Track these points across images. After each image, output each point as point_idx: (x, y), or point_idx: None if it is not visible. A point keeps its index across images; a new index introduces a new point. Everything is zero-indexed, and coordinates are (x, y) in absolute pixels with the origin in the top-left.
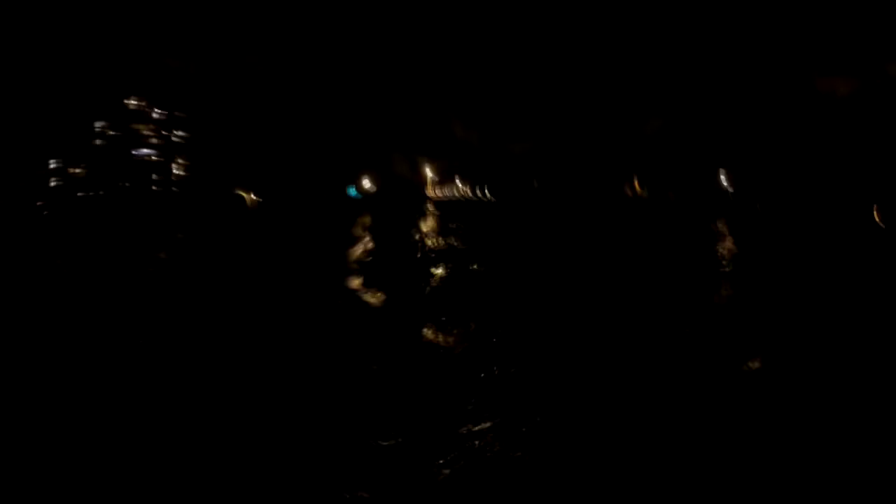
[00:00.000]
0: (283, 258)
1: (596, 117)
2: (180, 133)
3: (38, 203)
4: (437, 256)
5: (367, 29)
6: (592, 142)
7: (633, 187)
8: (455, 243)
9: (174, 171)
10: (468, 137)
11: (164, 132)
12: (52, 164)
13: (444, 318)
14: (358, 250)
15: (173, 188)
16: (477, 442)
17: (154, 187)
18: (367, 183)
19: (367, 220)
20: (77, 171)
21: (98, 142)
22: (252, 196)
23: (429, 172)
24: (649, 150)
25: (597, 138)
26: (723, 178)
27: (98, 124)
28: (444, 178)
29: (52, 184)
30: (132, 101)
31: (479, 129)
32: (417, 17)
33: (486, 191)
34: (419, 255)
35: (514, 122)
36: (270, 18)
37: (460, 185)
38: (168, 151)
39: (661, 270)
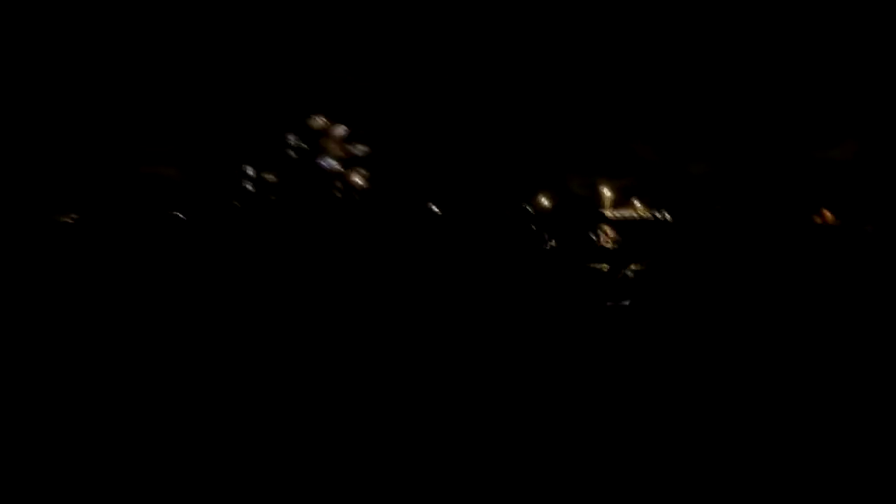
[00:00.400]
0: (462, 269)
1: (781, 140)
2: (361, 146)
3: (236, 203)
4: (613, 273)
5: (548, 48)
6: (777, 165)
7: (821, 215)
8: (633, 263)
9: (357, 181)
10: (648, 157)
11: (346, 145)
12: (250, 171)
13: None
14: (536, 263)
15: (356, 196)
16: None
17: (338, 195)
18: (544, 200)
19: (545, 235)
20: (270, 177)
21: (289, 153)
22: (433, 207)
23: (606, 192)
24: (841, 177)
25: (782, 162)
26: None
27: (291, 137)
28: (622, 198)
29: (249, 188)
30: (318, 119)
31: (660, 148)
32: (603, 37)
33: (665, 212)
34: (594, 272)
35: (694, 142)
36: (447, 32)
37: (639, 205)
38: (350, 162)
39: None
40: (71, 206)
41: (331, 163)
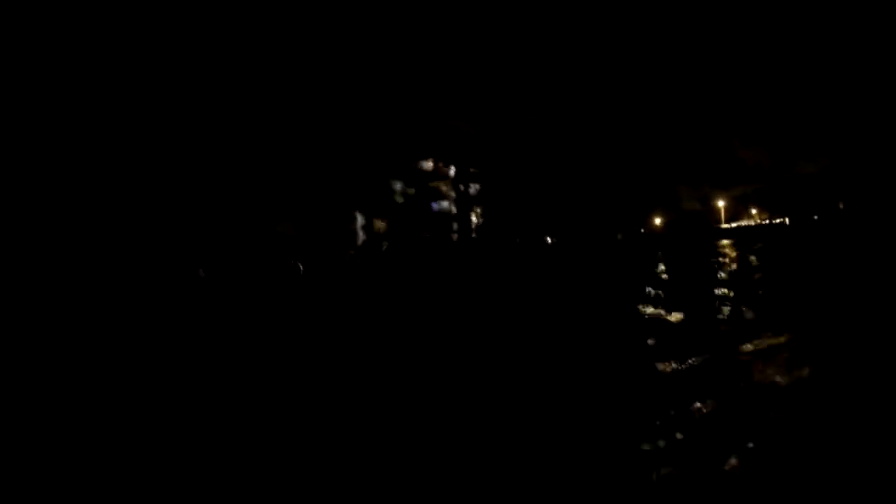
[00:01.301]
0: (572, 295)
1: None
2: (473, 185)
3: (350, 252)
4: (734, 284)
5: (644, 69)
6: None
7: None
8: (754, 272)
9: (472, 220)
10: (758, 161)
11: (458, 186)
12: (360, 220)
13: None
14: (654, 283)
15: (473, 235)
16: None
17: (454, 236)
18: (658, 220)
19: (660, 254)
20: (381, 224)
21: (399, 199)
22: (549, 239)
23: (720, 203)
24: None
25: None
26: None
27: (398, 184)
28: (737, 207)
29: (361, 236)
30: (427, 162)
31: (769, 151)
32: (698, 50)
33: (784, 217)
34: (717, 284)
35: (803, 141)
36: (546, 73)
37: (755, 213)
38: (464, 203)
39: None
40: (199, 264)
41: (443, 205)
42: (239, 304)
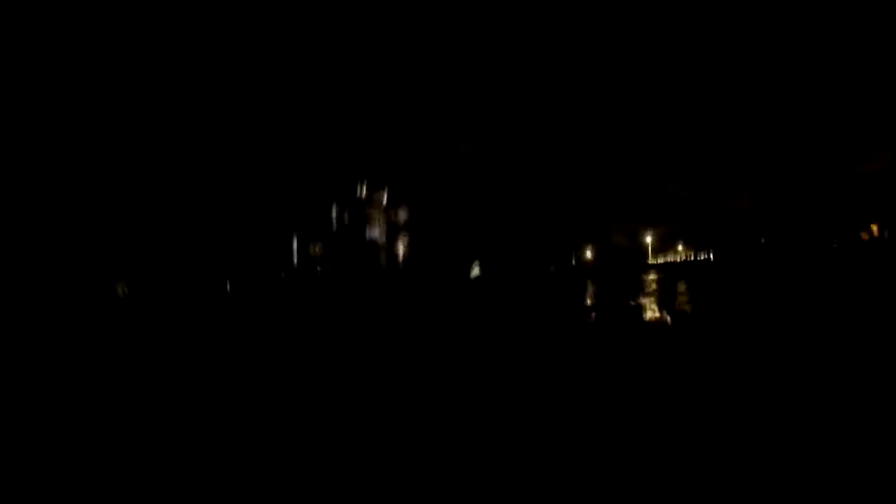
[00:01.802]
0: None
1: (817, 158)
2: (403, 213)
3: (282, 276)
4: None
5: (576, 100)
6: (818, 185)
7: (869, 231)
8: (681, 307)
9: (399, 249)
10: (687, 196)
11: (389, 214)
12: (295, 243)
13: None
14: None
15: (399, 265)
16: None
17: (384, 264)
18: (588, 253)
19: (591, 287)
20: (316, 249)
21: (334, 224)
22: (475, 269)
23: (648, 239)
24: (883, 188)
25: (822, 181)
26: None
27: (334, 208)
28: (666, 244)
29: (294, 260)
30: (363, 187)
31: (697, 186)
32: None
33: (710, 252)
34: (645, 317)
35: (731, 175)
36: (484, 88)
37: (681, 249)
38: (393, 230)
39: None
40: (108, 280)
41: (374, 234)
42: (164, 319)
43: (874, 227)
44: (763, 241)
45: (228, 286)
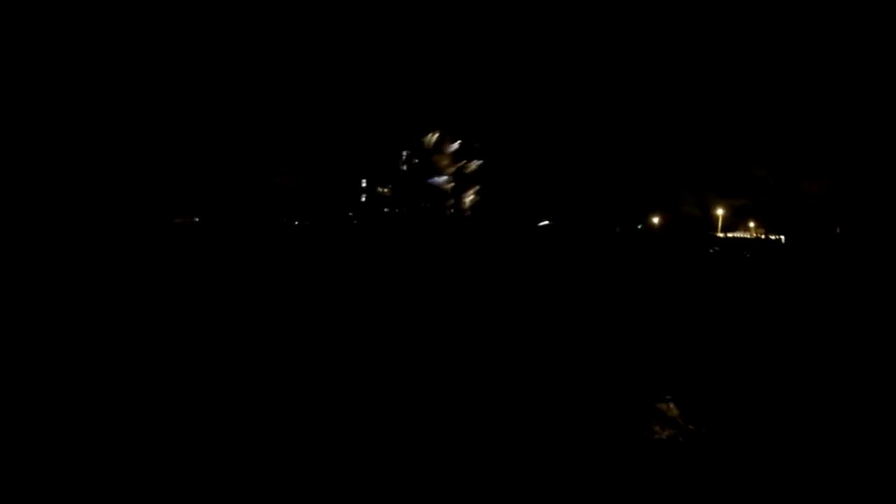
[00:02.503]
0: (565, 284)
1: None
2: (474, 162)
3: (350, 213)
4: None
5: (663, 69)
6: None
7: None
8: (740, 283)
9: (469, 197)
10: (764, 176)
11: (459, 162)
12: (364, 184)
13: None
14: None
15: (467, 212)
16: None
17: (451, 210)
18: (656, 219)
19: (657, 254)
20: (384, 190)
21: (403, 168)
22: (542, 223)
23: (720, 212)
24: None
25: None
26: None
27: (404, 153)
28: (737, 218)
29: (363, 199)
30: (433, 135)
31: (776, 167)
32: (718, 57)
33: (781, 235)
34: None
35: (810, 161)
36: (562, 50)
37: (753, 227)
38: (461, 179)
39: None
40: (193, 210)
41: (441, 180)
42: (235, 253)
43: None
44: (838, 229)
45: (301, 221)
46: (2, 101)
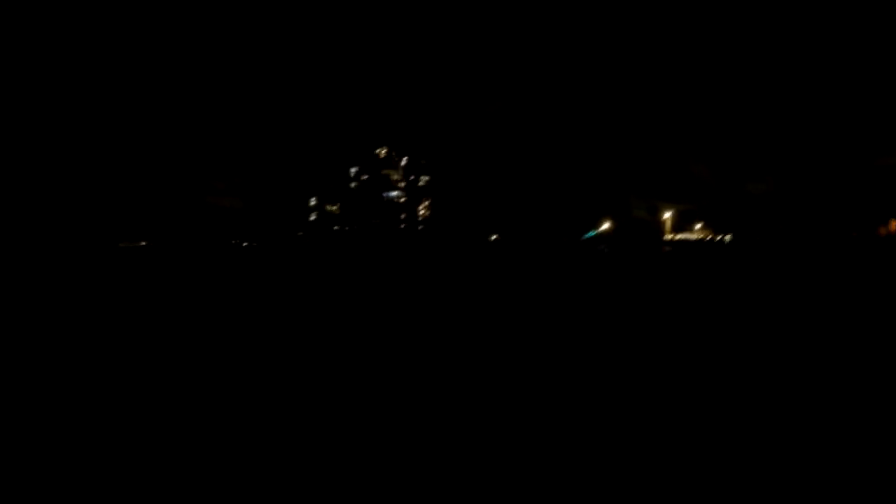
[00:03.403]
0: (521, 291)
1: (841, 151)
2: (424, 177)
3: (299, 233)
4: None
5: (604, 78)
6: (840, 177)
7: (888, 226)
8: (691, 285)
9: (420, 211)
10: (708, 178)
11: (409, 176)
12: (313, 202)
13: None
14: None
15: (419, 226)
16: None
17: (401, 225)
18: (606, 225)
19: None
20: (333, 208)
21: (352, 184)
22: (495, 236)
23: (667, 215)
24: None
25: (844, 173)
26: None
27: (352, 169)
28: (683, 222)
29: (312, 218)
30: (382, 150)
31: (719, 169)
32: (657, 62)
33: (726, 235)
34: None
35: (753, 160)
36: (510, 61)
37: (699, 229)
38: (413, 194)
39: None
40: (139, 233)
41: (394, 194)
42: (185, 278)
43: (894, 224)
44: (781, 227)
45: (246, 242)
46: None
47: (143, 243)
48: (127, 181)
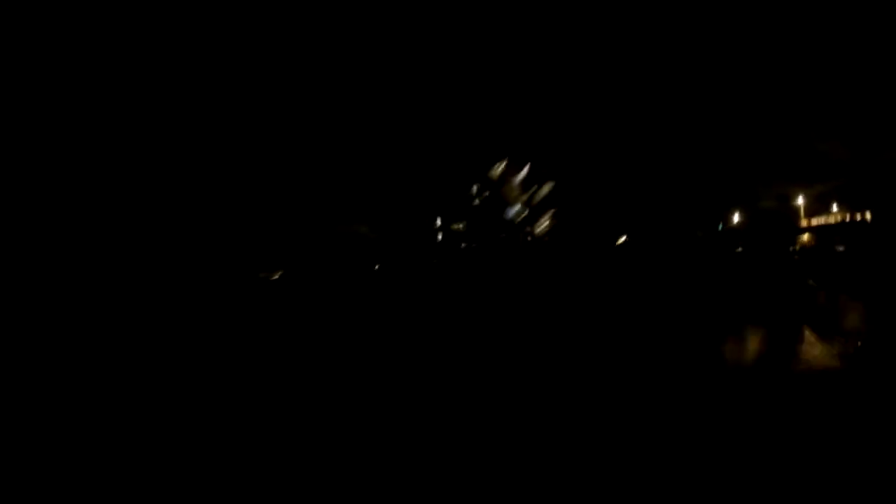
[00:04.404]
0: (654, 298)
1: None
2: (545, 188)
3: (427, 254)
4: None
5: (723, 63)
6: None
7: None
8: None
9: (545, 222)
10: (841, 156)
11: (529, 189)
12: (438, 222)
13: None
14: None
15: (545, 238)
16: None
17: (527, 238)
18: (736, 219)
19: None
20: (459, 227)
21: (475, 202)
22: (620, 240)
23: (801, 201)
24: None
25: None
26: None
27: (474, 187)
28: (819, 205)
29: (439, 238)
30: (500, 164)
31: (853, 144)
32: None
33: (867, 213)
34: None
35: (885, 128)
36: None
37: (836, 210)
38: (535, 206)
39: None
40: (275, 264)
41: (514, 211)
42: (317, 305)
43: None
44: None
45: (377, 267)
46: None
47: (281, 273)
48: (255, 205)
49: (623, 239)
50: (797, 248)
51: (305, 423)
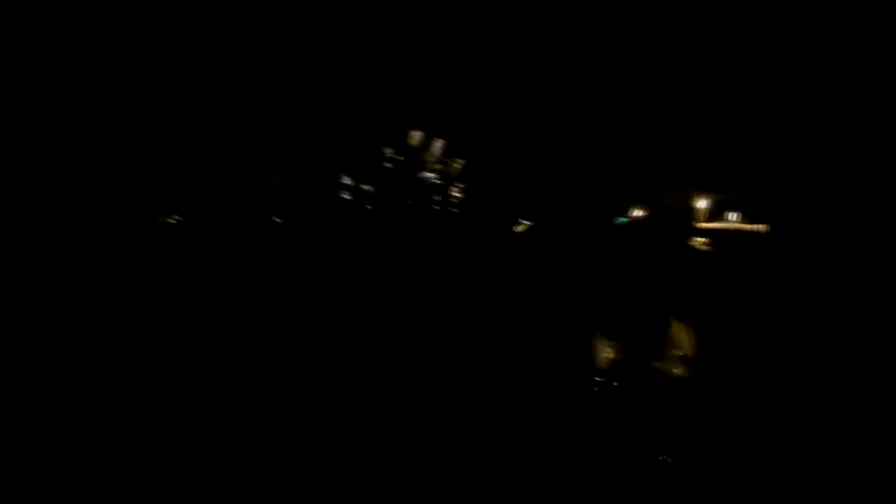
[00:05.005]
0: (551, 278)
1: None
2: (459, 161)
3: (332, 211)
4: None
5: (645, 62)
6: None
7: None
8: (722, 271)
9: (455, 194)
10: (747, 174)
11: (444, 160)
12: (347, 181)
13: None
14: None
15: (454, 210)
16: None
17: (435, 207)
18: (638, 212)
19: (636, 245)
20: (368, 188)
21: (387, 165)
22: (524, 222)
23: (702, 205)
24: None
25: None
26: None
27: (388, 150)
28: (718, 211)
29: (346, 196)
30: (417, 132)
31: (760, 164)
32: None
33: (762, 225)
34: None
35: (796, 156)
36: (545, 45)
37: (734, 219)
38: (448, 177)
39: None
40: (174, 208)
41: (428, 176)
42: (212, 252)
43: None
44: (821, 222)
45: (278, 219)
46: None
47: (179, 217)
48: (157, 153)
49: (526, 224)
50: (693, 246)
51: (193, 376)
